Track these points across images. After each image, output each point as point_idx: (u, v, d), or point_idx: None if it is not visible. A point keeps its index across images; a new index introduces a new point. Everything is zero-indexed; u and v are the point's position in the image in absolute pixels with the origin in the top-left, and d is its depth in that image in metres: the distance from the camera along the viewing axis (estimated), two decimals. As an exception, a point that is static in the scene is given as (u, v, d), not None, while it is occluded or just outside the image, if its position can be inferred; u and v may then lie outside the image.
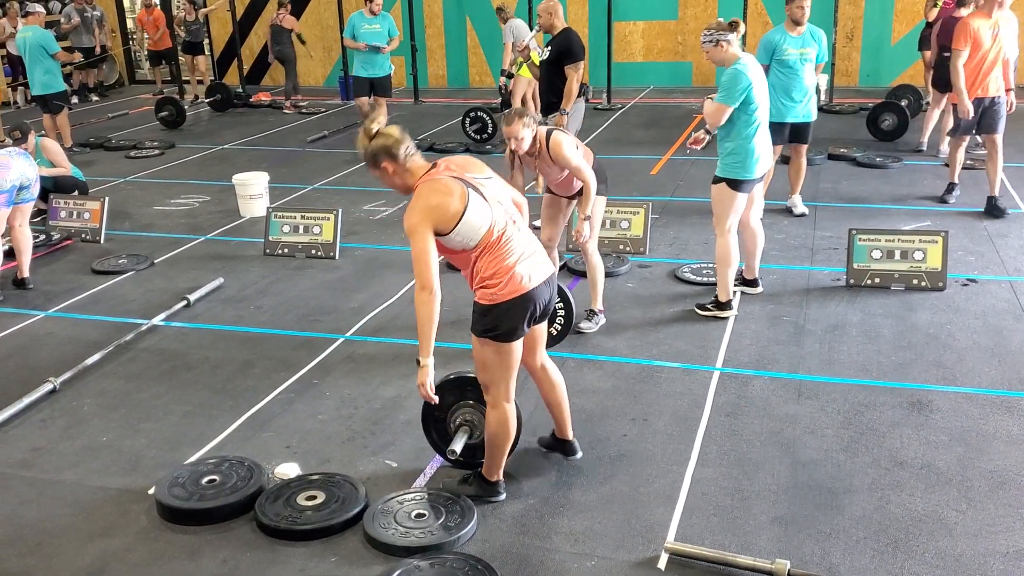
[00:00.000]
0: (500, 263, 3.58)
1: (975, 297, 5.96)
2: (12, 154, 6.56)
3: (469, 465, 4.12)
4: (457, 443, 3.99)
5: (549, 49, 7.52)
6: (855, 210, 7.90)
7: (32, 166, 6.67)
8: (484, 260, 3.59)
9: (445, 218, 3.47)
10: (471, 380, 4.02)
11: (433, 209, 3.47)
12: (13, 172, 6.43)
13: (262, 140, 12.13)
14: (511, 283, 3.58)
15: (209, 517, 3.85)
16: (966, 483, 3.95)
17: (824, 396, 4.75)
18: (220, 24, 16.38)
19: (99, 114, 14.39)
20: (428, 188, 3.52)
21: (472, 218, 3.51)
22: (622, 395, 4.85)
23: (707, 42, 5.46)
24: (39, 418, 4.85)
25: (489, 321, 3.63)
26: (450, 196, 3.48)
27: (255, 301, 6.41)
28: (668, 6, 14.82)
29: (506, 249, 3.60)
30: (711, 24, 5.50)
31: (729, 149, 5.53)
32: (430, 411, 4.13)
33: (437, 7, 15.62)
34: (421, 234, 3.45)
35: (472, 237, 3.54)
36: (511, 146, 5.10)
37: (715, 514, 3.80)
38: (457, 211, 3.48)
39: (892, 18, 13.76)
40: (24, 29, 11.21)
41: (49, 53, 11.00)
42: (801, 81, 7.46)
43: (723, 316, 5.76)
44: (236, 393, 5.04)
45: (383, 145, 3.55)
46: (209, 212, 8.72)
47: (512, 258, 3.60)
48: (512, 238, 3.62)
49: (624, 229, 7.10)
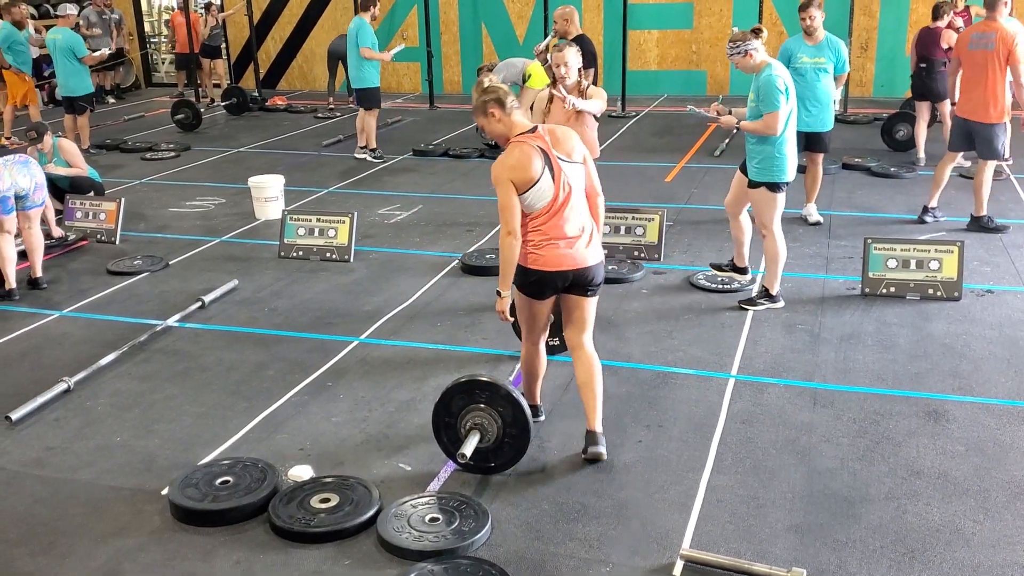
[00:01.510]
0: (546, 238, 4.06)
1: (991, 307, 5.92)
2: (6, 163, 6.40)
3: (480, 469, 4.13)
4: (468, 446, 4.00)
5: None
6: (870, 219, 7.88)
7: (28, 176, 6.54)
8: (535, 231, 4.06)
9: (523, 179, 3.98)
10: (480, 384, 4.07)
11: (514, 168, 3.99)
12: (3, 182, 6.33)
13: (278, 143, 12.16)
14: (545, 260, 4.07)
15: (222, 518, 3.84)
16: (983, 493, 3.92)
17: (840, 404, 4.72)
18: (237, 29, 16.46)
19: (115, 116, 14.46)
20: (517, 149, 4.04)
21: (537, 191, 3.99)
22: (637, 401, 4.83)
23: (736, 53, 5.67)
24: (53, 417, 4.86)
25: (520, 279, 4.15)
26: (530, 163, 3.98)
27: (270, 303, 6.42)
28: (683, 15, 14.82)
29: (555, 229, 4.05)
30: (735, 35, 5.67)
31: (765, 153, 5.72)
32: (440, 417, 4.15)
33: (453, 14, 15.66)
34: (506, 186, 3.99)
35: (533, 206, 4.02)
36: (559, 73, 5.43)
37: (731, 521, 3.78)
38: (531, 179, 3.98)
39: (907, 29, 13.72)
40: (54, 31, 11.27)
41: (77, 57, 11.07)
42: (816, 90, 7.46)
43: (776, 307, 5.96)
44: (250, 395, 5.05)
45: (496, 96, 4.10)
46: (224, 214, 8.74)
47: (555, 238, 4.06)
48: (566, 220, 4.07)
49: (639, 236, 7.08)
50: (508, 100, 4.09)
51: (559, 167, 4.04)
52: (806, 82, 7.45)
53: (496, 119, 4.12)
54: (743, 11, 14.15)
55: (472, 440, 4.03)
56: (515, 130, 4.11)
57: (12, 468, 4.38)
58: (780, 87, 5.58)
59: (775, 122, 5.63)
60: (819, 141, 7.60)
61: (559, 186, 4.03)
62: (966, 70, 7.48)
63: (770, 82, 5.59)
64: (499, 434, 4.08)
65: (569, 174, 4.07)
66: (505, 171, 3.99)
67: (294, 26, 16.63)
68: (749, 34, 5.67)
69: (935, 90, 9.38)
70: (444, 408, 4.14)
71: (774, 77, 5.59)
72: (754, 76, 5.75)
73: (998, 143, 7.30)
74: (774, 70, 5.62)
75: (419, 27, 15.19)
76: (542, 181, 3.98)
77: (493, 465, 4.14)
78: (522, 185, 3.98)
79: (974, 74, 7.34)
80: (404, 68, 16.11)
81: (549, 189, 4.00)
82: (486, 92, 4.14)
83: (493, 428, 4.07)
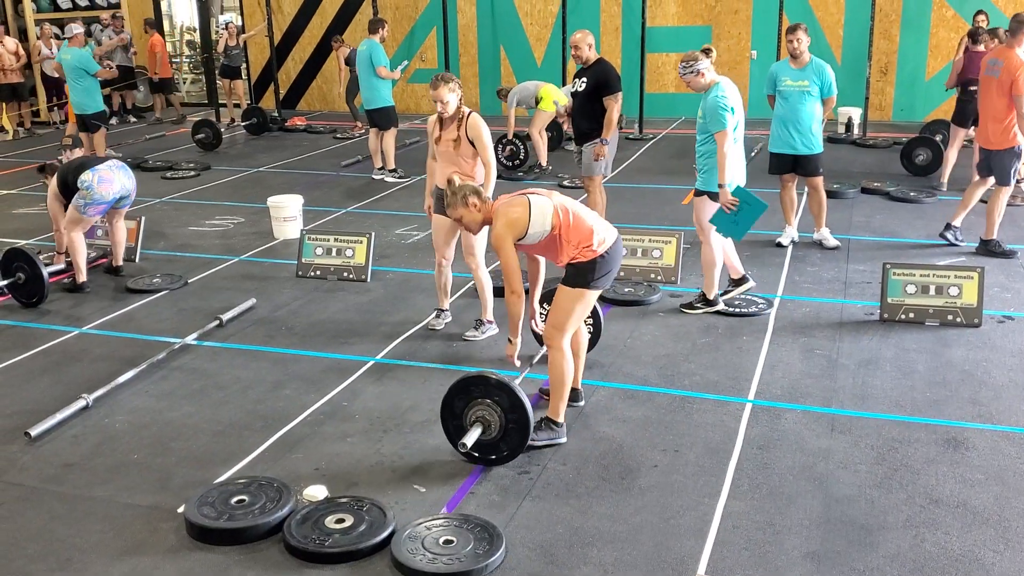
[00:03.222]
0: (584, 228, 4.44)
1: (1011, 335, 5.88)
2: (114, 168, 7.10)
3: (483, 461, 4.41)
4: (469, 437, 4.26)
5: (584, 80, 7.53)
6: (888, 244, 7.85)
7: (131, 178, 7.28)
8: (570, 233, 4.42)
9: (520, 226, 4.39)
10: (474, 380, 4.41)
11: (512, 223, 4.39)
12: (116, 185, 7.06)
13: (297, 164, 12.25)
14: (601, 242, 4.46)
15: (238, 537, 3.85)
16: (1003, 523, 3.88)
17: (857, 431, 4.69)
18: (258, 49, 16.62)
19: (136, 135, 14.59)
20: (504, 209, 4.45)
21: (536, 212, 4.39)
22: (653, 425, 4.81)
23: (688, 72, 6.01)
24: (72, 434, 4.89)
25: (589, 271, 4.46)
26: (519, 207, 4.42)
27: (287, 322, 6.44)
28: (701, 38, 14.82)
29: (580, 220, 4.45)
30: (687, 56, 6.04)
31: (710, 165, 6.04)
32: (448, 422, 4.48)
33: (472, 35, 15.76)
34: (507, 247, 4.40)
35: (544, 224, 4.39)
36: (437, 108, 5.65)
37: (746, 548, 3.75)
38: (524, 217, 4.39)
39: (927, 53, 13.71)
40: (64, 51, 11.43)
41: (89, 73, 11.22)
42: (800, 113, 7.49)
43: (712, 311, 6.32)
44: (266, 413, 5.06)
45: (472, 188, 4.57)
46: (243, 233, 8.80)
47: (590, 222, 4.49)
48: (578, 211, 4.50)
49: (656, 258, 7.08)
50: (481, 191, 4.60)
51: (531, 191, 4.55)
52: (790, 105, 7.52)
53: (476, 208, 4.52)
54: (761, 35, 14.18)
55: (474, 432, 4.28)
56: (490, 207, 4.54)
57: (31, 484, 4.40)
58: (725, 105, 5.88)
59: (724, 139, 5.90)
60: (807, 164, 7.61)
61: (546, 195, 4.50)
62: (981, 95, 7.50)
63: (716, 102, 5.89)
64: (502, 422, 4.33)
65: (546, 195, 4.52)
66: (504, 230, 4.39)
67: (314, 47, 16.78)
68: (700, 54, 6.00)
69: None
70: (449, 412, 4.44)
71: (719, 97, 5.89)
72: (703, 95, 6.02)
73: (1010, 168, 7.31)
74: (721, 90, 5.92)
75: (438, 49, 15.29)
76: (533, 207, 4.40)
77: (506, 453, 4.37)
78: (522, 230, 4.39)
79: (986, 100, 7.37)
80: (422, 89, 16.19)
81: (543, 203, 4.43)
82: (461, 188, 4.55)
83: (495, 418, 4.33)
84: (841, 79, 8.81)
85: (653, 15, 14.48)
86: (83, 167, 7.00)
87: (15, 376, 5.67)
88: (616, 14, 14.99)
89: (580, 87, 7.58)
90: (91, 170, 6.96)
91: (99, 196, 6.96)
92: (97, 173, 6.96)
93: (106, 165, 7.10)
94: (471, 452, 4.32)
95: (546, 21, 15.18)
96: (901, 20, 13.72)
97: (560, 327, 4.56)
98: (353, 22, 16.31)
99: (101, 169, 7.01)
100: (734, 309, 6.36)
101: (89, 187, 6.90)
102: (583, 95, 7.56)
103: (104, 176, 6.99)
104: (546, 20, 15.14)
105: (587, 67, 7.56)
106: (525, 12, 15.42)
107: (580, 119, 7.72)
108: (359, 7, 16.16)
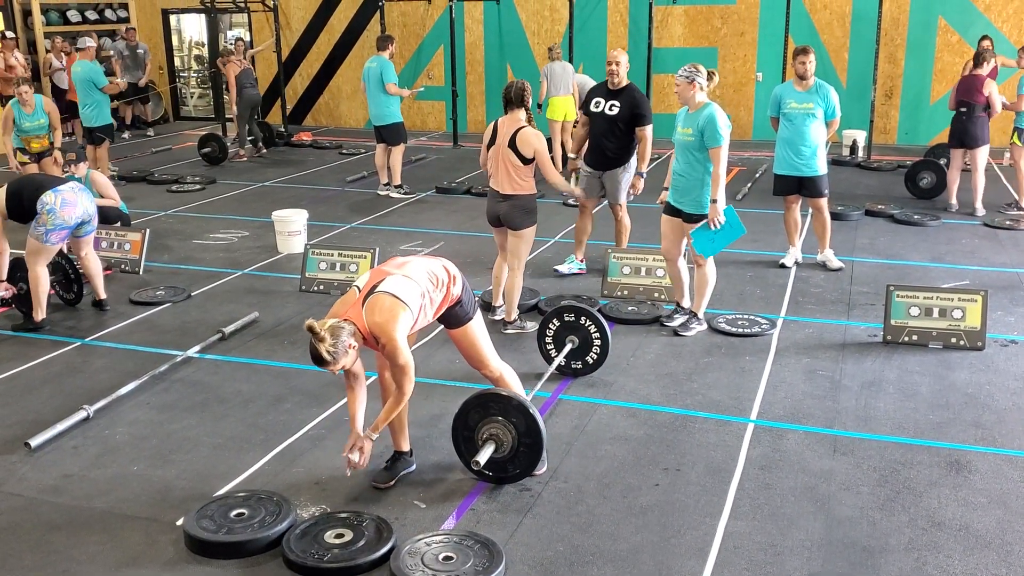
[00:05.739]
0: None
1: (1015, 358, 5.86)
2: (76, 190, 6.61)
3: (495, 479, 4.31)
4: (482, 455, 4.21)
5: (617, 105, 7.23)
6: (892, 267, 7.84)
7: (92, 202, 6.76)
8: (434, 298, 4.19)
9: (408, 321, 4.01)
10: (493, 396, 4.34)
11: (398, 323, 3.94)
12: (78, 209, 6.52)
13: (302, 179, 12.28)
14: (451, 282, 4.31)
15: (237, 551, 3.84)
16: (1006, 547, 3.86)
17: (860, 452, 4.67)
18: (266, 65, 16.68)
19: (142, 148, 14.64)
20: (381, 318, 3.93)
21: (408, 297, 4.03)
22: (655, 444, 4.80)
23: (684, 77, 6.04)
24: (71, 445, 4.88)
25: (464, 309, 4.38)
26: (395, 307, 3.97)
27: (289, 336, 6.44)
28: (707, 60, 14.86)
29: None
30: (692, 64, 6.08)
31: (697, 184, 6.12)
32: (459, 432, 4.40)
33: (479, 53, 15.83)
34: (402, 349, 3.96)
35: (430, 295, 4.16)
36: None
37: (747, 568, 3.73)
38: (407, 308, 3.99)
39: (932, 77, 13.74)
40: (75, 63, 11.51)
41: (98, 87, 11.29)
42: (804, 135, 7.52)
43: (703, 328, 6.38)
44: (267, 427, 5.05)
45: (350, 330, 3.91)
46: (247, 247, 8.81)
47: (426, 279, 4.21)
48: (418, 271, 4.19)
49: (660, 277, 7.08)
50: (354, 332, 3.93)
51: (395, 273, 4.12)
52: (794, 127, 7.55)
53: (353, 348, 3.92)
54: (767, 57, 14.22)
55: (487, 450, 4.23)
56: (360, 323, 3.96)
57: (29, 495, 4.39)
58: (722, 123, 5.98)
59: (719, 155, 5.99)
60: (812, 186, 7.62)
61: (411, 276, 4.12)
62: None
63: (711, 118, 5.97)
64: (514, 444, 4.29)
65: (411, 267, 4.20)
66: (396, 332, 3.92)
67: (321, 63, 16.85)
68: (704, 70, 6.08)
69: (972, 133, 9.40)
70: (462, 423, 4.39)
71: (715, 114, 5.98)
72: (691, 113, 6.11)
73: None
74: (715, 109, 6.02)
75: (445, 66, 15.36)
76: (405, 296, 4.02)
77: (516, 473, 4.36)
78: (410, 320, 4.03)
79: None
80: (429, 107, 16.27)
81: (411, 288, 4.06)
82: (336, 329, 3.86)
83: (508, 438, 4.29)
84: (846, 102, 8.85)
85: (660, 36, 14.54)
86: (42, 188, 6.43)
87: (16, 386, 5.67)
88: (623, 34, 15.05)
89: (610, 110, 7.27)
90: (53, 191, 6.39)
91: (61, 221, 6.38)
92: (60, 195, 6.40)
93: (68, 187, 6.54)
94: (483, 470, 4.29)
95: (553, 40, 15.23)
96: (906, 44, 13.75)
97: (489, 356, 4.51)
98: (361, 39, 16.39)
99: (64, 191, 6.46)
100: (737, 329, 6.35)
101: (51, 211, 6.34)
102: (613, 120, 7.25)
103: (68, 199, 6.43)
104: (553, 39, 15.17)
105: (618, 90, 7.28)
106: (532, 31, 15.49)
107: (607, 142, 7.35)
108: (367, 24, 16.24)
